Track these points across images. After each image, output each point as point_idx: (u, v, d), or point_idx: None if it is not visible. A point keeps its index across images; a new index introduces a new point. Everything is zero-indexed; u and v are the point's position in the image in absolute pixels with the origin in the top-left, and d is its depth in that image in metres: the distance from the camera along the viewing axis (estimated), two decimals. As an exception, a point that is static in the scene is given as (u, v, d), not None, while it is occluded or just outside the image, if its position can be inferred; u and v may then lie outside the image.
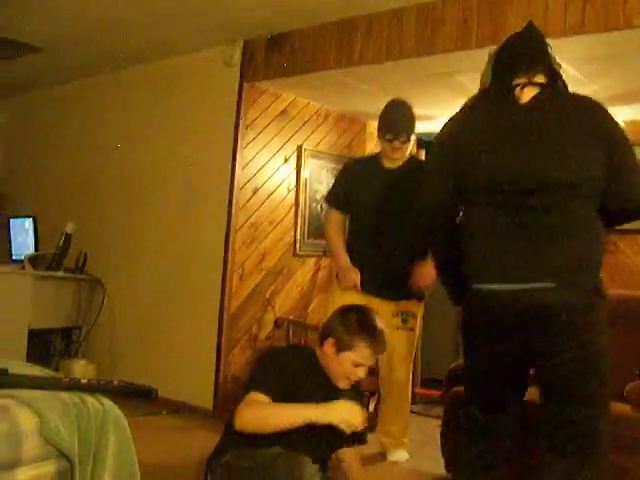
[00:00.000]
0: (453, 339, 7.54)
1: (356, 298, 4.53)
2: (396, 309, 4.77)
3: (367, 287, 4.72)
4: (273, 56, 5.75)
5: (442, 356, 7.08)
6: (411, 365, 5.00)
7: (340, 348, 3.29)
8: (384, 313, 4.46)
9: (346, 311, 3.45)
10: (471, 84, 5.38)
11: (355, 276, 4.71)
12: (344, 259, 4.80)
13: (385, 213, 4.72)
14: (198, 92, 6.24)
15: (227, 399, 5.84)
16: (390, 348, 4.35)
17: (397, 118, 4.74)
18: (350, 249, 4.86)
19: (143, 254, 6.52)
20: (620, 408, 3.86)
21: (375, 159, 4.94)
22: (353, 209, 4.90)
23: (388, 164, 4.83)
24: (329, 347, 3.32)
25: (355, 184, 4.88)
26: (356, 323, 3.34)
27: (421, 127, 6.99)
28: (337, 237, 4.93)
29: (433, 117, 6.50)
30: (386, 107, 4.83)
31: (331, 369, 3.34)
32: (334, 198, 5.03)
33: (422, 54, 4.95)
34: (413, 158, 4.97)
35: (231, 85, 5.94)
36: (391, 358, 4.79)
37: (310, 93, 6.19)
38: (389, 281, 4.74)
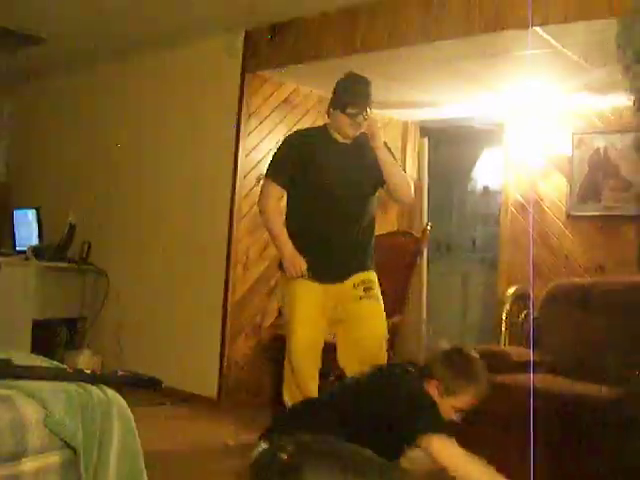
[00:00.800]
0: (457, 324, 7.56)
1: (314, 287, 4.36)
2: (355, 281, 4.43)
3: (323, 275, 4.40)
4: (275, 45, 5.74)
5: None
6: (386, 335, 4.55)
7: (443, 393, 3.16)
8: (344, 292, 4.38)
9: (450, 353, 3.28)
10: (476, 70, 5.39)
11: (302, 264, 4.37)
12: (290, 246, 4.40)
13: (339, 191, 4.35)
14: (200, 81, 6.23)
15: (231, 388, 5.86)
16: (360, 320, 4.39)
17: (362, 92, 4.38)
18: (296, 232, 4.45)
19: (147, 244, 6.53)
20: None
21: (325, 132, 4.50)
22: (300, 187, 4.46)
23: (340, 138, 4.44)
24: (433, 389, 3.17)
25: (305, 159, 4.42)
26: (463, 371, 3.23)
27: (425, 114, 7.02)
28: (279, 219, 4.51)
29: (437, 104, 6.49)
30: (347, 79, 4.46)
31: None
32: (278, 173, 4.52)
33: (426, 41, 4.94)
34: (362, 134, 4.44)
35: (233, 74, 5.93)
36: (361, 324, 4.43)
37: (312, 81, 6.18)
38: (344, 262, 4.43)
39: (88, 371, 2.75)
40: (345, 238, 4.41)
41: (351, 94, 4.37)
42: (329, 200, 4.36)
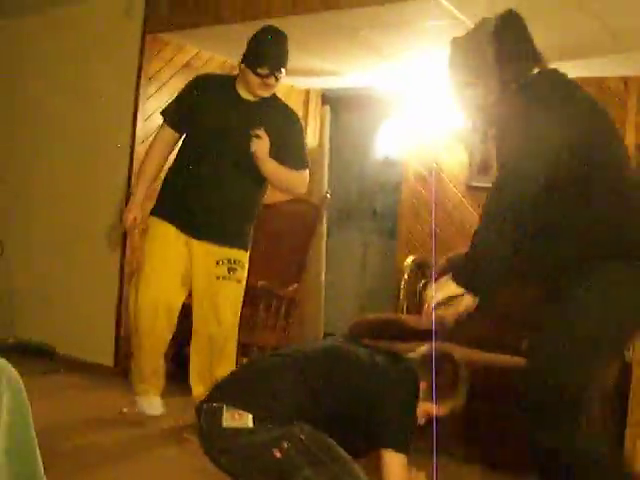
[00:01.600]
0: (356, 293, 7.62)
1: (171, 240, 4.22)
2: (220, 256, 4.27)
3: (186, 226, 4.25)
4: (177, 7, 5.64)
5: (344, 312, 7.14)
6: (237, 323, 4.49)
7: (426, 398, 3.04)
8: (206, 260, 4.23)
9: (442, 360, 3.11)
10: (376, 40, 5.39)
11: (133, 218, 4.33)
12: (138, 196, 4.36)
13: (230, 145, 4.19)
14: (98, 43, 6.08)
15: (128, 355, 5.78)
16: (212, 300, 4.29)
17: (276, 51, 4.19)
18: (175, 175, 4.34)
19: (42, 208, 6.38)
20: (518, 362, 3.93)
21: (230, 83, 4.33)
22: (193, 132, 4.31)
23: (246, 95, 4.28)
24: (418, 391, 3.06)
25: (204, 105, 4.27)
26: (452, 381, 3.11)
27: (327, 83, 7.00)
28: (152, 165, 4.38)
29: (339, 73, 6.48)
30: (262, 34, 4.24)
31: None
32: (174, 114, 4.37)
33: (328, 8, 4.90)
34: (276, 98, 4.37)
35: (133, 36, 5.81)
36: (213, 311, 4.33)
37: (215, 46, 6.09)
38: (216, 219, 4.27)
39: (-23, 339, 2.67)
40: (223, 196, 4.24)
41: (264, 53, 4.17)
42: (214, 150, 4.21)
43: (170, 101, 4.47)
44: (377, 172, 7.78)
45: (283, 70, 4.19)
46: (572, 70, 5.69)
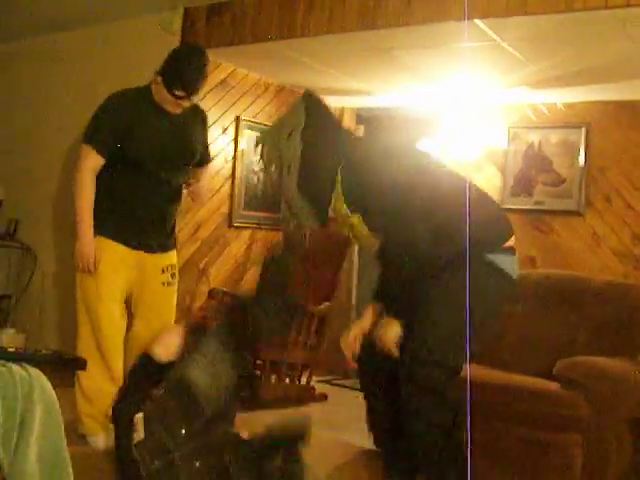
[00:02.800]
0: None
1: (124, 254, 4.11)
2: (165, 263, 4.29)
3: (135, 241, 4.14)
4: (214, 25, 5.68)
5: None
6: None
7: None
8: (154, 269, 4.22)
9: None
10: (411, 60, 5.40)
11: (92, 258, 4.02)
12: (89, 234, 4.04)
13: (164, 161, 4.10)
14: (136, 59, 6.12)
15: (158, 370, 5.80)
16: (156, 306, 4.26)
17: (195, 74, 4.02)
18: (114, 193, 4.10)
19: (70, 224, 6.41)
20: (549, 385, 3.91)
21: (149, 98, 4.13)
22: (126, 152, 4.07)
23: (169, 108, 4.10)
24: None
25: (131, 125, 4.06)
26: None
27: (362, 102, 7.02)
28: (90, 196, 4.04)
29: (374, 92, 6.49)
30: (181, 53, 4.16)
31: None
32: (101, 139, 4.05)
33: (364, 28, 4.92)
34: (193, 105, 4.23)
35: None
36: (158, 316, 4.30)
37: (250, 64, 6.13)
38: (159, 230, 4.24)
39: (11, 349, 2.69)
40: (162, 207, 4.20)
41: (182, 76, 4.00)
42: (149, 169, 4.09)
43: (92, 128, 4.14)
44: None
45: (199, 91, 4.07)
46: (605, 93, 5.75)
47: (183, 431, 2.97)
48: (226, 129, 6.22)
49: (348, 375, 6.93)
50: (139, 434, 2.93)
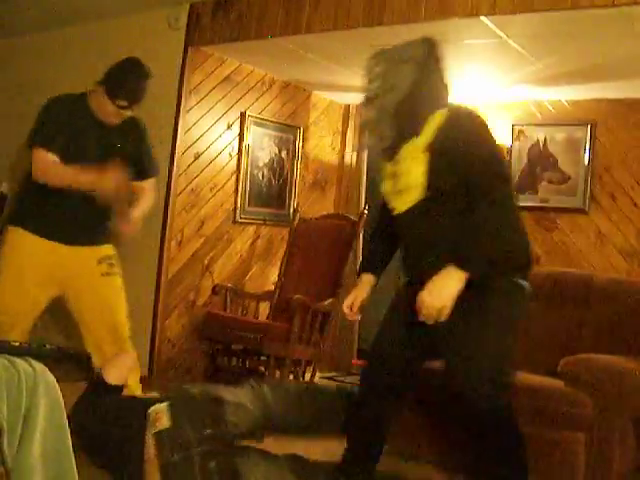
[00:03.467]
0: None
1: (43, 248, 4.09)
2: (100, 255, 4.28)
3: (59, 234, 4.13)
4: (219, 20, 5.67)
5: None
6: (125, 313, 4.46)
7: None
8: (88, 261, 4.21)
9: None
10: (418, 57, 5.37)
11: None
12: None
13: (82, 152, 4.09)
14: (140, 54, 6.10)
15: (162, 366, 5.81)
16: (100, 297, 4.27)
17: (137, 85, 4.13)
18: (39, 187, 4.07)
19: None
20: (553, 383, 3.91)
21: (85, 107, 4.19)
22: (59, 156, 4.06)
23: (101, 117, 4.15)
24: None
25: (68, 130, 4.10)
26: None
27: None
28: (63, 169, 4.04)
29: (379, 89, 6.48)
30: (124, 66, 4.21)
31: None
32: (49, 138, 4.06)
33: (370, 25, 4.92)
34: (130, 117, 4.27)
35: (175, 48, 5.84)
36: (107, 304, 4.33)
37: (255, 60, 6.13)
38: (88, 223, 4.21)
39: (15, 343, 2.69)
40: (90, 204, 4.10)
41: (127, 86, 4.10)
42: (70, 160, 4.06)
43: (38, 130, 4.16)
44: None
45: (139, 102, 4.14)
46: (611, 91, 5.73)
47: (208, 431, 3.00)
48: (231, 125, 6.22)
49: (352, 372, 6.94)
50: (162, 422, 2.95)
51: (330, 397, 3.65)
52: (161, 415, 3.00)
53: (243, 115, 6.30)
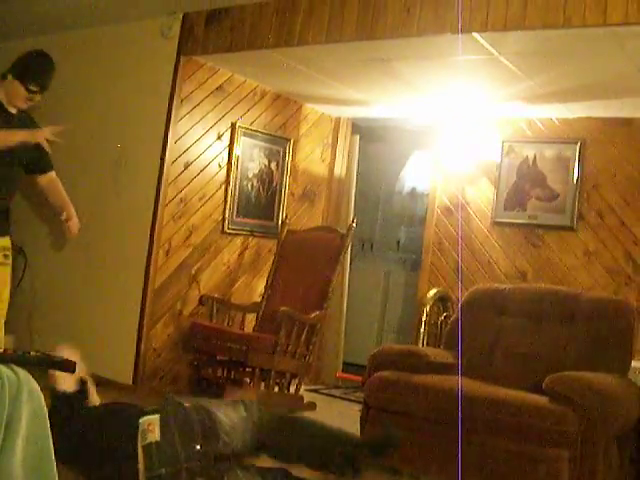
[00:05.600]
0: (377, 323, 7.61)
1: None
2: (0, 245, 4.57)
3: None
4: (212, 31, 5.68)
5: (364, 341, 7.13)
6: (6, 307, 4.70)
7: None
8: None
9: None
10: (408, 72, 5.41)
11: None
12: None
13: None
14: (133, 62, 6.13)
15: (147, 375, 5.79)
16: None
17: (48, 72, 4.51)
18: None
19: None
20: (538, 400, 3.91)
21: None
22: None
23: (10, 108, 4.43)
24: None
25: None
26: None
27: (358, 112, 7.03)
28: None
29: (370, 103, 6.50)
30: (34, 55, 4.58)
31: None
32: None
33: (363, 39, 4.93)
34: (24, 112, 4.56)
35: (168, 57, 5.84)
36: None
37: (247, 70, 6.13)
38: None
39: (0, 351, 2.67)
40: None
41: (40, 72, 4.47)
42: None
43: None
44: (403, 203, 7.79)
45: (47, 89, 4.48)
46: (601, 109, 5.76)
47: (198, 447, 2.98)
48: (222, 135, 6.21)
49: (337, 385, 6.93)
50: (154, 435, 2.93)
51: (316, 433, 3.58)
52: (152, 427, 2.98)
53: (233, 126, 6.29)
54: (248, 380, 5.72)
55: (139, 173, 5.96)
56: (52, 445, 2.47)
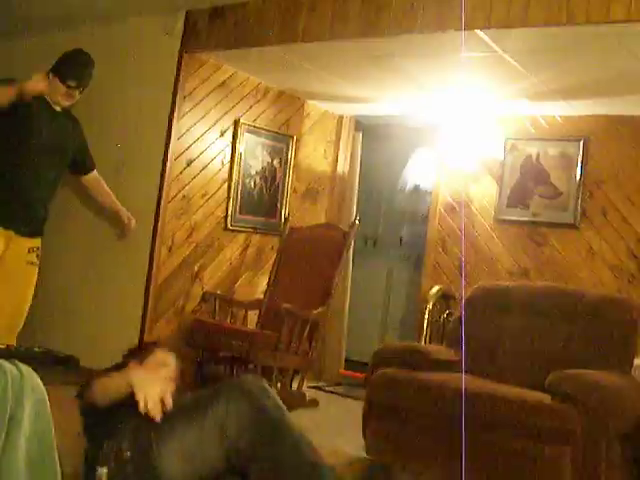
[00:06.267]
0: (379, 320, 7.60)
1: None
2: (31, 244, 4.70)
3: (12, 223, 4.54)
4: (215, 27, 5.67)
5: (367, 339, 7.12)
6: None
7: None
8: (19, 249, 4.57)
9: None
10: (411, 69, 5.40)
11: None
12: None
13: (47, 151, 4.62)
14: (136, 59, 6.12)
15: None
16: (19, 282, 4.63)
17: (85, 69, 4.74)
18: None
19: (71, 220, 6.39)
20: (540, 397, 3.91)
21: (42, 97, 4.58)
22: (13, 140, 4.54)
23: (55, 106, 4.67)
24: None
25: (21, 113, 4.49)
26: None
27: (361, 110, 7.02)
28: None
29: (373, 100, 6.50)
30: (77, 54, 4.80)
31: None
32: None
33: (366, 35, 4.92)
34: (69, 112, 4.86)
35: (171, 54, 5.83)
36: (20, 291, 4.70)
37: (251, 67, 6.13)
38: (32, 217, 4.70)
39: (2, 346, 2.68)
40: (39, 195, 4.66)
41: (78, 69, 4.68)
42: (37, 155, 4.56)
43: None
44: (406, 201, 7.78)
45: (86, 85, 4.71)
46: (604, 107, 5.76)
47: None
48: (224, 132, 6.21)
49: (340, 382, 6.93)
50: None
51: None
52: None
53: (237, 122, 6.29)
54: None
55: (142, 170, 5.96)
56: (54, 440, 2.47)
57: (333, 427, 5.18)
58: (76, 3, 5.89)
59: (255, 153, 6.50)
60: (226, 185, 6.29)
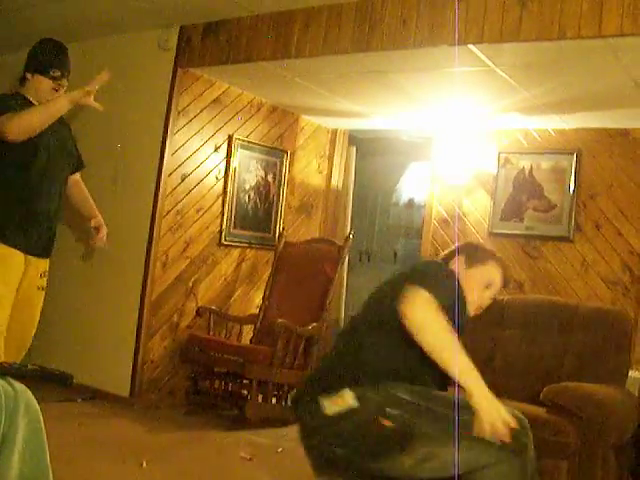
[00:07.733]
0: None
1: (20, 261, 4.07)
2: (44, 268, 4.31)
3: (30, 245, 4.12)
4: (209, 43, 5.69)
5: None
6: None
7: (468, 263, 3.11)
8: (34, 272, 4.21)
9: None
10: (405, 84, 5.42)
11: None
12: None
13: (57, 162, 4.22)
14: (130, 74, 6.13)
15: (144, 387, 5.78)
16: (30, 308, 4.30)
17: (63, 55, 4.26)
18: (7, 200, 4.05)
19: (65, 235, 6.38)
20: (536, 410, 3.91)
21: (24, 101, 4.12)
22: (28, 154, 4.06)
23: (46, 98, 4.16)
24: (454, 264, 3.13)
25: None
26: (481, 246, 3.24)
27: (355, 124, 7.04)
28: None
29: (367, 115, 6.51)
30: (45, 43, 4.29)
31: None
32: (6, 107, 3.95)
33: (359, 51, 4.94)
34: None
35: (165, 69, 5.85)
36: (30, 317, 4.36)
37: (244, 83, 6.14)
38: (46, 237, 4.24)
39: (-4, 363, 2.66)
40: (50, 211, 4.20)
41: (54, 56, 4.21)
42: (44, 167, 4.12)
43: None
44: (400, 215, 7.79)
45: (69, 73, 4.26)
46: (597, 120, 5.77)
47: None
48: (219, 147, 6.22)
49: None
50: None
51: None
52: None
53: (230, 138, 6.30)
54: (246, 392, 5.72)
55: (136, 185, 5.96)
56: (48, 459, 2.46)
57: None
58: (71, 19, 5.91)
59: (249, 168, 6.51)
60: (220, 200, 6.29)
